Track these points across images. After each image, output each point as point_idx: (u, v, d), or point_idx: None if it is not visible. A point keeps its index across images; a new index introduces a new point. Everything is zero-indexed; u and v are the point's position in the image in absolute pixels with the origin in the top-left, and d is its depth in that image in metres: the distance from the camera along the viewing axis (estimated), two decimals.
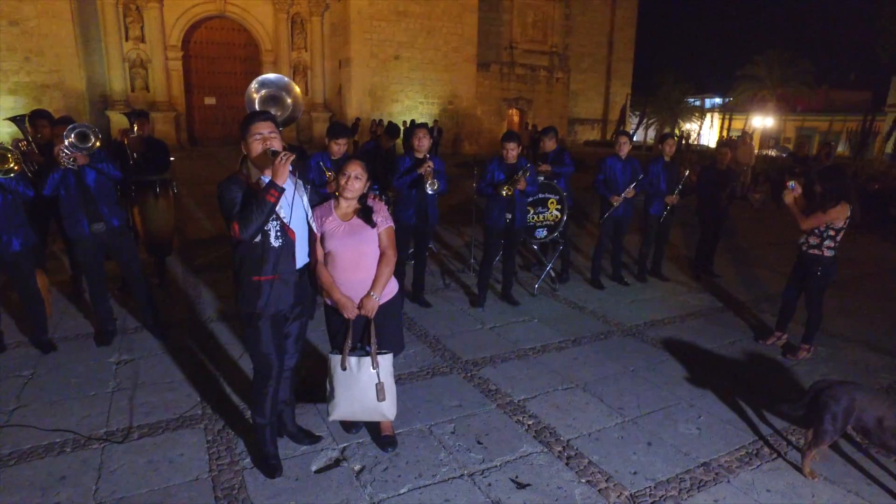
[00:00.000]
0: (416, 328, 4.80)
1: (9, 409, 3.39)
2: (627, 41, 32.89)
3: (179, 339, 4.47)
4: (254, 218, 2.46)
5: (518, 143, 5.11)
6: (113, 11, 19.20)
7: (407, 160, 5.07)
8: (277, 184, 2.47)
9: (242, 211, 2.50)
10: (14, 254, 3.94)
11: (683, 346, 4.62)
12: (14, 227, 3.90)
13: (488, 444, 3.16)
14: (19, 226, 3.94)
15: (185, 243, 7.37)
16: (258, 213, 2.46)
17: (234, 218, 2.50)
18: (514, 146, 5.04)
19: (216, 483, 2.77)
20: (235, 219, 2.49)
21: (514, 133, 5.26)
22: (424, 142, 5.03)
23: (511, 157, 5.07)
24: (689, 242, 7.98)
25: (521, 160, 5.19)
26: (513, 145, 5.04)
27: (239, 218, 2.48)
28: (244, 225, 2.47)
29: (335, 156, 4.81)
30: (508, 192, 4.99)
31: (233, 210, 2.52)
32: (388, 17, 21.49)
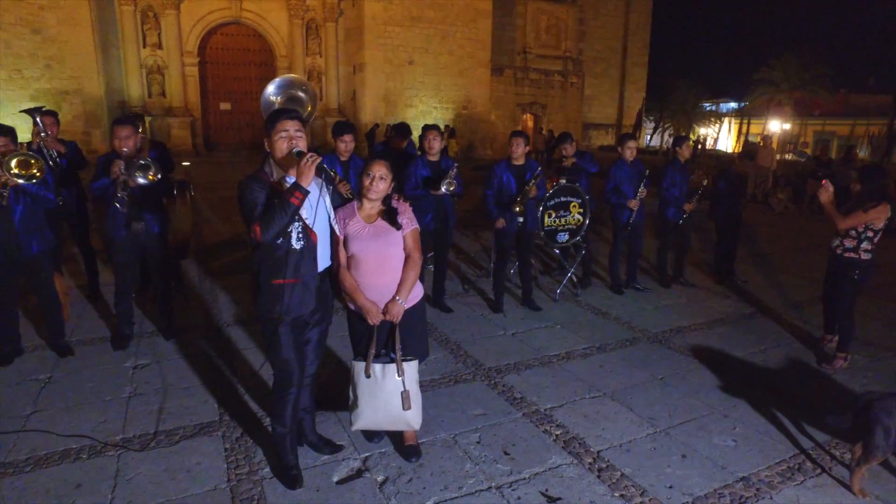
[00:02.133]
0: (437, 334, 4.69)
1: (25, 414, 3.33)
2: (641, 45, 32.72)
3: (196, 343, 4.40)
4: (276, 220, 2.37)
5: (526, 140, 5.00)
6: (131, 18, 19.43)
7: (420, 164, 4.97)
8: (302, 186, 2.38)
9: (265, 212, 2.41)
10: (33, 256, 3.91)
11: (712, 354, 4.46)
12: (33, 230, 3.87)
13: (516, 455, 3.04)
14: (38, 229, 3.92)
15: (201, 247, 7.34)
16: (281, 214, 2.37)
17: (255, 219, 2.41)
18: (521, 141, 4.93)
19: (235, 493, 2.68)
20: (257, 220, 2.40)
21: (521, 131, 5.16)
22: (436, 143, 4.96)
23: (518, 154, 4.95)
24: (706, 247, 7.81)
25: (531, 162, 5.09)
26: (520, 140, 4.93)
27: (261, 219, 2.39)
28: (266, 227, 2.38)
29: (343, 155, 4.73)
30: (521, 209, 4.89)
31: (254, 211, 2.43)
32: (403, 22, 21.52)
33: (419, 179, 4.94)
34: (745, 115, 35.60)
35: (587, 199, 5.62)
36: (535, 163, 5.16)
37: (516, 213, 4.90)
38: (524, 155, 5.02)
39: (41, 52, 17.20)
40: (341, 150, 4.74)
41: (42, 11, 16.97)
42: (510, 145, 4.97)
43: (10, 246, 3.77)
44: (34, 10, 16.87)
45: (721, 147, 36.29)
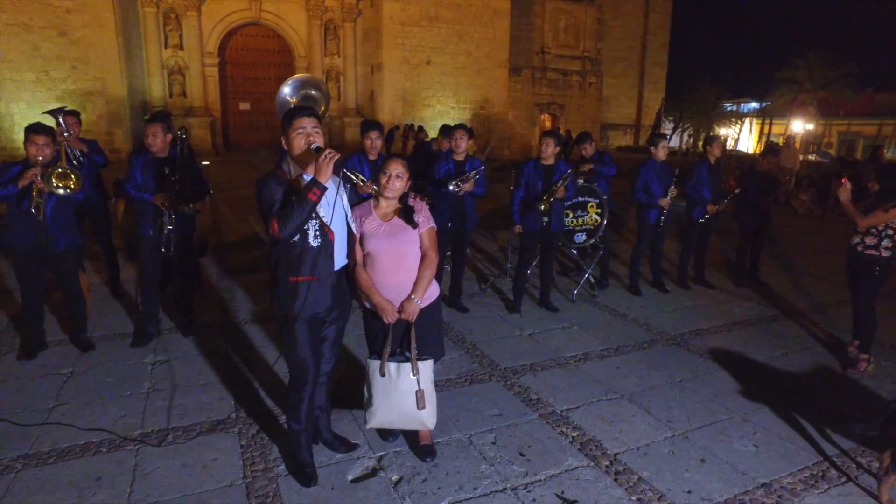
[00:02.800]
0: (453, 333, 4.68)
1: (49, 407, 3.39)
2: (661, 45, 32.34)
3: (213, 340, 4.44)
4: (294, 216, 2.38)
5: (556, 140, 4.96)
6: (154, 20, 19.71)
7: (444, 164, 4.97)
8: (320, 182, 2.38)
9: (282, 209, 2.42)
10: (61, 252, 3.99)
11: (733, 357, 4.39)
12: (63, 226, 3.96)
13: (531, 457, 3.01)
14: (67, 227, 4.00)
15: (220, 245, 7.40)
16: (299, 211, 2.37)
17: (273, 215, 2.42)
18: (551, 141, 4.89)
19: (250, 490, 2.69)
20: (275, 216, 2.41)
21: (552, 130, 5.12)
22: (462, 142, 4.94)
23: (548, 155, 4.92)
24: (729, 248, 7.68)
25: (561, 164, 5.04)
26: (550, 140, 4.89)
27: (279, 216, 2.40)
28: (284, 223, 2.39)
29: (371, 153, 4.74)
30: (546, 207, 4.85)
31: (272, 207, 2.44)
32: (420, 22, 21.53)
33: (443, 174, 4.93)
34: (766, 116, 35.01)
35: (605, 200, 5.56)
36: (564, 164, 5.09)
37: (541, 211, 4.86)
38: (554, 155, 4.98)
39: (67, 53, 17.53)
40: (368, 147, 4.77)
41: (69, 14, 17.30)
42: (540, 145, 4.95)
43: (41, 242, 3.86)
44: (61, 14, 17.21)
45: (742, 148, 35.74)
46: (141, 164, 4.19)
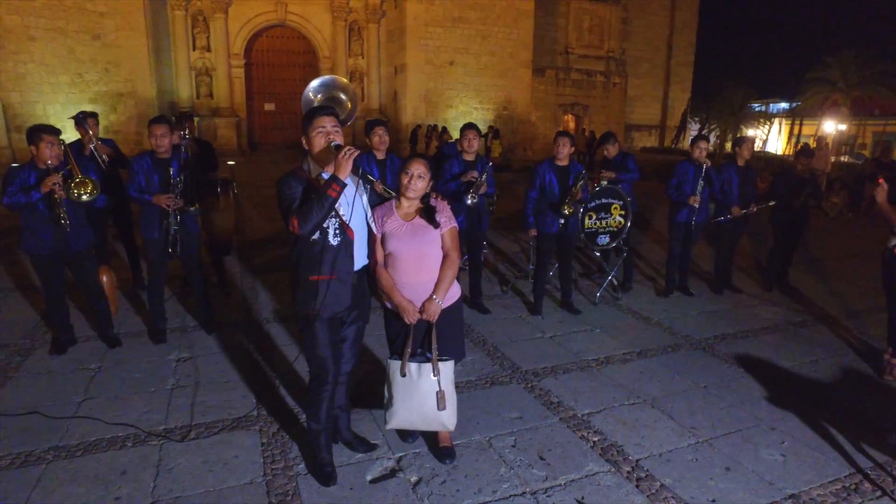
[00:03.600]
0: (474, 335, 4.66)
1: (77, 401, 3.47)
2: (687, 45, 31.84)
3: (236, 338, 4.49)
4: (314, 213, 2.39)
5: (571, 140, 4.92)
6: (182, 23, 20.11)
7: (455, 164, 4.95)
8: (340, 178, 2.39)
9: (302, 205, 2.43)
10: (77, 252, 4.09)
11: (760, 363, 4.28)
12: (78, 227, 4.04)
13: (551, 461, 2.98)
14: (80, 226, 4.08)
15: (244, 244, 7.50)
16: (319, 207, 2.39)
17: (293, 212, 2.43)
18: (567, 142, 4.85)
19: (270, 488, 2.71)
20: (295, 213, 2.42)
21: (566, 131, 5.09)
22: (474, 143, 4.92)
23: (563, 155, 4.88)
24: (757, 252, 7.52)
25: (575, 165, 5.00)
26: (566, 140, 4.85)
27: (299, 212, 2.42)
28: (304, 219, 2.40)
29: (379, 151, 4.71)
30: (570, 210, 4.81)
31: (292, 205, 2.46)
32: (444, 23, 21.55)
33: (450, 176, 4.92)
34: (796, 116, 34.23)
35: (629, 201, 5.49)
36: (578, 165, 5.07)
37: (565, 215, 4.83)
38: (569, 156, 4.94)
39: (100, 56, 17.99)
40: (376, 143, 4.73)
41: (102, 18, 17.76)
42: (555, 145, 4.90)
43: (59, 243, 3.95)
44: (95, 18, 17.67)
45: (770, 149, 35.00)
46: (144, 166, 4.18)
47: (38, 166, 3.86)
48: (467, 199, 4.79)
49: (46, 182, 3.74)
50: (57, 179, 3.76)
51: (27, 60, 17.19)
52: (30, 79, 17.33)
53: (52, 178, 3.75)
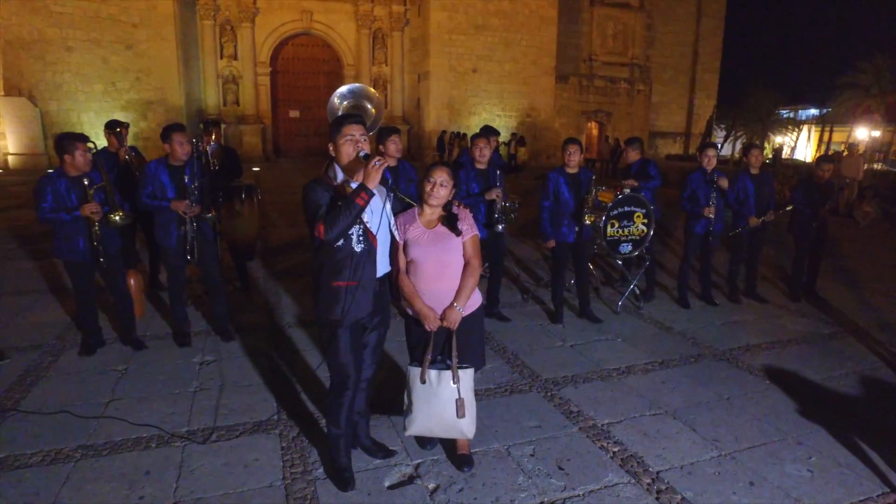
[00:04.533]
0: (494, 343, 4.65)
1: (104, 402, 3.55)
2: (713, 51, 31.46)
3: (259, 342, 4.55)
4: (341, 219, 2.43)
5: (581, 147, 4.89)
6: (211, 32, 20.59)
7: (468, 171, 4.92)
8: (368, 187, 2.42)
9: (329, 212, 2.47)
10: (108, 255, 4.18)
11: (786, 375, 4.19)
12: (108, 234, 4.14)
13: (570, 471, 2.95)
14: (112, 233, 4.19)
15: (267, 249, 7.61)
16: (346, 214, 2.42)
17: (319, 218, 2.47)
18: (576, 149, 4.82)
19: (289, 491, 2.74)
20: (321, 219, 2.46)
21: (575, 138, 5.06)
22: (486, 151, 4.88)
23: (574, 163, 4.85)
24: (785, 261, 7.37)
25: (584, 171, 4.98)
26: (575, 148, 4.82)
27: (326, 219, 2.45)
28: (330, 226, 2.43)
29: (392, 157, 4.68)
30: (592, 219, 4.79)
31: (317, 211, 2.50)
32: (467, 30, 21.66)
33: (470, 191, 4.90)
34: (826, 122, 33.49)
35: (652, 210, 5.43)
36: (588, 171, 5.05)
37: (587, 224, 4.80)
38: (579, 163, 4.92)
39: (132, 65, 18.52)
40: (392, 150, 4.70)
41: (135, 29, 18.30)
42: (564, 153, 4.87)
43: (91, 250, 4.07)
44: (128, 28, 18.22)
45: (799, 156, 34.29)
46: (159, 173, 4.21)
47: (69, 173, 3.97)
48: (499, 228, 4.85)
49: (85, 209, 3.91)
50: (95, 209, 3.93)
51: (64, 70, 17.77)
52: (66, 88, 17.90)
53: (91, 207, 3.91)
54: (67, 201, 3.94)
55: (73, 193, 3.95)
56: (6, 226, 8.83)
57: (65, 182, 3.96)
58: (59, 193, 3.93)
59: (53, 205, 3.91)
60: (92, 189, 3.98)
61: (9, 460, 2.93)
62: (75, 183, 3.97)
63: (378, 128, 4.70)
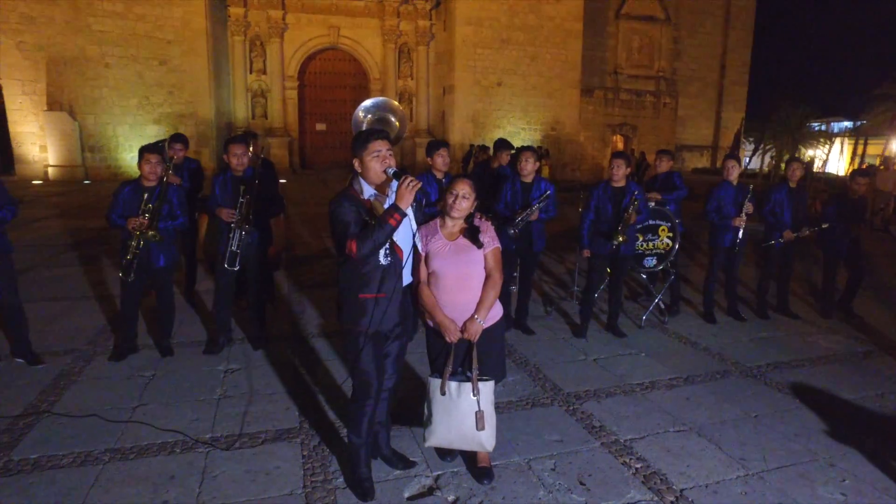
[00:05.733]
0: (516, 355, 4.63)
1: (132, 406, 3.63)
2: (741, 63, 31.02)
3: (283, 352, 4.61)
4: (373, 238, 2.46)
5: (627, 161, 4.86)
6: (241, 48, 21.12)
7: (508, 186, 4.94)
8: (401, 208, 2.45)
9: (362, 231, 2.50)
10: (160, 269, 4.35)
11: (817, 394, 4.08)
12: (164, 247, 4.31)
13: (591, 486, 2.91)
14: (168, 246, 4.37)
15: (293, 260, 7.71)
16: (378, 233, 2.46)
17: (351, 236, 2.50)
18: (622, 163, 4.80)
19: (309, 500, 2.76)
20: (353, 237, 2.49)
21: (622, 152, 5.03)
22: (529, 164, 4.90)
23: (619, 177, 4.82)
24: (812, 276, 7.18)
25: (631, 185, 4.92)
26: (621, 162, 4.80)
27: (358, 237, 2.48)
28: (362, 244, 2.47)
29: (440, 171, 4.74)
30: (624, 239, 4.74)
31: (347, 228, 2.53)
32: (492, 44, 21.80)
33: (509, 201, 4.92)
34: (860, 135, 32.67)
35: (677, 223, 5.37)
36: (635, 185, 4.97)
37: (619, 242, 4.77)
38: (625, 177, 4.88)
39: (165, 80, 19.09)
40: (439, 164, 4.77)
41: (169, 45, 18.91)
42: (611, 167, 4.87)
43: (145, 259, 4.23)
44: (163, 45, 18.85)
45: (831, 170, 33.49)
46: (221, 184, 4.44)
47: (141, 183, 4.23)
48: (510, 231, 4.82)
49: (131, 221, 4.08)
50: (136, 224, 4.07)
51: (102, 86, 18.42)
52: (103, 102, 18.53)
53: (136, 222, 4.07)
54: (127, 209, 4.16)
55: (134, 202, 4.16)
56: (45, 235, 9.13)
57: (129, 190, 4.20)
58: (125, 203, 4.17)
59: (121, 210, 4.16)
60: (150, 204, 4.15)
61: (42, 461, 3.02)
62: (139, 192, 4.18)
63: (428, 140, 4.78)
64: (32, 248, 8.04)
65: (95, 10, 17.89)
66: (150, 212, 4.15)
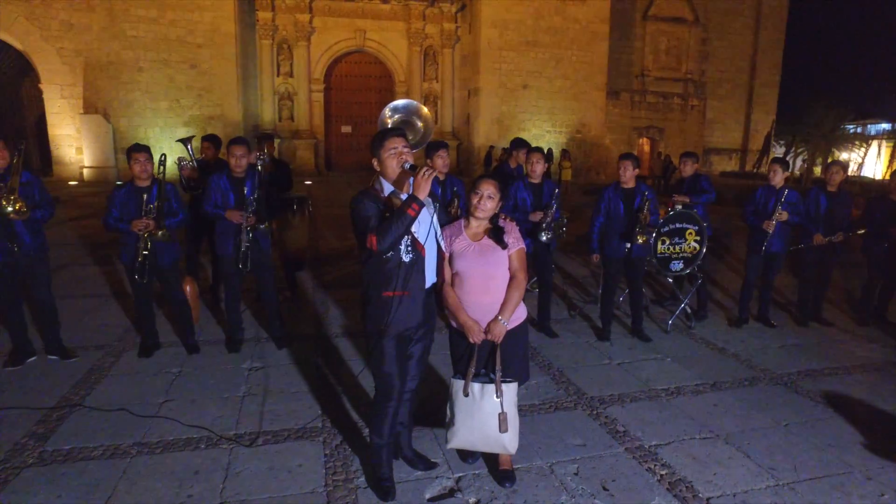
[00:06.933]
0: (540, 358, 4.59)
1: (159, 402, 3.70)
2: (772, 65, 30.34)
3: (306, 351, 4.64)
4: (392, 230, 2.46)
5: (635, 162, 4.80)
6: (269, 51, 21.46)
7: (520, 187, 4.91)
8: (419, 198, 2.45)
9: (381, 223, 2.51)
10: (166, 267, 4.39)
11: (852, 404, 3.95)
12: (166, 245, 4.33)
13: (615, 492, 2.86)
14: (171, 243, 4.38)
15: (317, 260, 7.78)
16: (397, 225, 2.46)
17: (371, 230, 2.51)
18: (629, 164, 4.75)
19: (331, 498, 2.77)
20: (373, 231, 2.50)
21: (630, 153, 4.97)
22: (539, 166, 4.91)
23: (628, 178, 4.77)
24: (850, 283, 6.96)
25: (641, 186, 4.87)
26: (628, 163, 4.75)
27: (378, 230, 2.49)
28: (382, 237, 2.47)
29: (441, 172, 4.69)
30: (643, 239, 4.71)
31: (368, 224, 2.54)
32: (518, 47, 21.74)
33: (519, 203, 4.90)
34: None
35: (704, 227, 5.26)
36: (644, 186, 4.95)
37: (639, 244, 4.72)
38: (634, 178, 4.83)
39: (195, 83, 19.52)
40: (439, 165, 4.72)
41: (200, 49, 19.35)
42: (619, 168, 4.82)
43: (152, 258, 4.27)
44: (193, 49, 19.30)
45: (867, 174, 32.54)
46: (220, 184, 4.41)
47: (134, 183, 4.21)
48: (543, 237, 4.82)
49: (135, 225, 4.10)
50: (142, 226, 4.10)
51: (135, 89, 18.93)
52: (136, 105, 19.04)
53: (141, 223, 4.09)
54: (128, 211, 4.16)
55: (132, 204, 4.17)
56: (79, 234, 9.38)
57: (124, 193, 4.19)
58: (124, 206, 4.15)
59: (117, 213, 4.15)
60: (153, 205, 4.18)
61: (74, 452, 3.10)
62: (136, 194, 4.18)
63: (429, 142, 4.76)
64: (67, 246, 8.27)
65: (130, 16, 18.41)
66: (153, 212, 4.17)
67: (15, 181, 3.91)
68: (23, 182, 3.98)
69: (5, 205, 3.84)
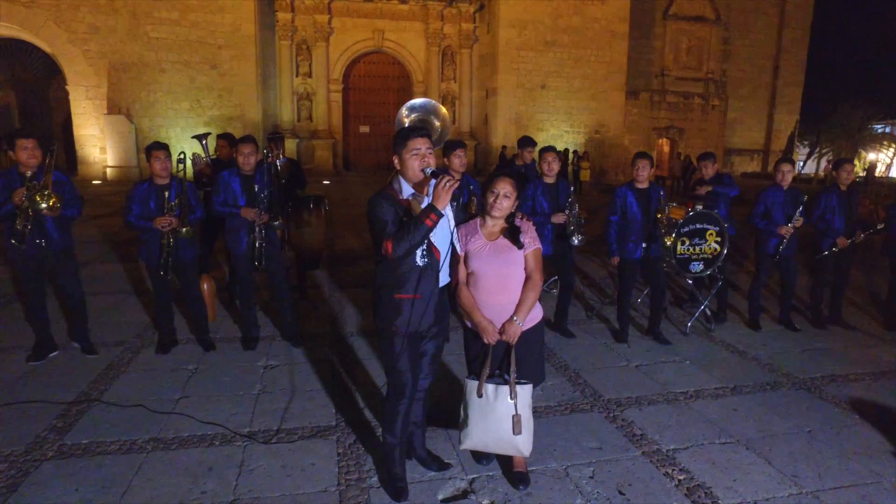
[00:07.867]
0: (556, 359, 4.54)
1: (175, 398, 3.73)
2: (796, 64, 29.79)
3: (321, 350, 4.65)
4: (408, 238, 2.43)
5: (651, 162, 4.73)
6: (288, 52, 21.67)
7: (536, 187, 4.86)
8: (438, 209, 2.41)
9: (398, 231, 2.47)
10: (187, 263, 4.45)
11: (880, 411, 3.83)
12: (186, 242, 4.38)
13: (631, 496, 2.81)
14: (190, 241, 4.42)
15: (333, 259, 7.80)
16: (414, 234, 2.43)
17: (387, 236, 2.48)
18: (646, 164, 4.67)
19: (343, 498, 2.75)
20: (389, 237, 2.46)
21: (646, 152, 4.89)
22: (554, 165, 4.86)
23: (643, 178, 4.70)
24: (875, 285, 6.79)
25: (655, 187, 4.83)
26: (645, 163, 4.67)
27: (394, 237, 2.46)
28: (398, 244, 2.44)
29: (457, 171, 4.65)
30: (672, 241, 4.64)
31: (384, 228, 2.50)
32: (536, 47, 21.66)
33: (538, 206, 4.85)
34: None
35: (725, 227, 5.16)
36: (658, 187, 4.91)
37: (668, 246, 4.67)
38: (648, 179, 4.77)
39: (216, 84, 19.79)
40: (456, 164, 4.70)
41: (220, 50, 19.62)
42: (634, 168, 4.74)
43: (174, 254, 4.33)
44: (214, 50, 19.57)
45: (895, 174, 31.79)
46: (229, 181, 4.42)
47: (153, 181, 4.27)
48: (574, 241, 4.79)
49: (158, 222, 4.16)
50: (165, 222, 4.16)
51: (157, 90, 19.26)
52: (158, 106, 19.36)
53: (164, 221, 4.16)
54: (147, 209, 4.22)
55: (152, 202, 4.23)
56: (101, 231, 9.54)
57: (143, 190, 4.25)
58: (144, 204, 4.21)
59: (137, 210, 4.21)
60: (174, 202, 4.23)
61: (92, 446, 3.14)
62: (156, 191, 4.24)
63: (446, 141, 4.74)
64: (90, 243, 8.41)
65: (153, 18, 18.75)
66: (175, 209, 4.23)
67: (48, 179, 3.99)
68: (53, 181, 4.05)
69: (39, 200, 3.92)
